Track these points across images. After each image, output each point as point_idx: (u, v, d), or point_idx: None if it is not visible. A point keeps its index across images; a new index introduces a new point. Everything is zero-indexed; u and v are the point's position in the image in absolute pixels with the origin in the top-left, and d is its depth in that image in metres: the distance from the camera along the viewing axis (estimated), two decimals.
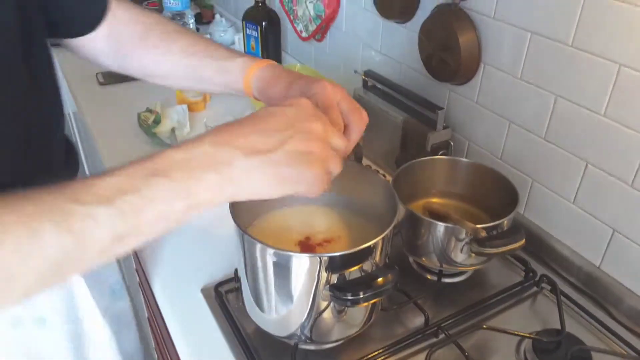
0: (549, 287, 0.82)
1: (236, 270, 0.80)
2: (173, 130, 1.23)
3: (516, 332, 0.72)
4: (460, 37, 0.91)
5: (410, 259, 0.87)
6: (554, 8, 0.77)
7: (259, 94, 0.65)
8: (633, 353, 0.70)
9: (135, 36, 0.70)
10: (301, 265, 0.59)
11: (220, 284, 0.80)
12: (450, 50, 0.94)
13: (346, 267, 0.60)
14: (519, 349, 0.72)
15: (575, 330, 0.73)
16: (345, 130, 0.56)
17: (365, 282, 0.59)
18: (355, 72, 1.18)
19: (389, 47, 1.17)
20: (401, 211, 0.74)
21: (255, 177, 0.44)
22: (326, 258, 0.58)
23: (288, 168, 0.45)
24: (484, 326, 0.72)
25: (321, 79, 0.58)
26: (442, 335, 0.73)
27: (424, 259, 0.81)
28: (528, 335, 0.72)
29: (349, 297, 0.58)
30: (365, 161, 1.11)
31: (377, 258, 0.63)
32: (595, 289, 0.81)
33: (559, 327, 0.73)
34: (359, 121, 0.57)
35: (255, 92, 0.65)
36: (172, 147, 0.43)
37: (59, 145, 0.68)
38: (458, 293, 0.82)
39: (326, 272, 0.59)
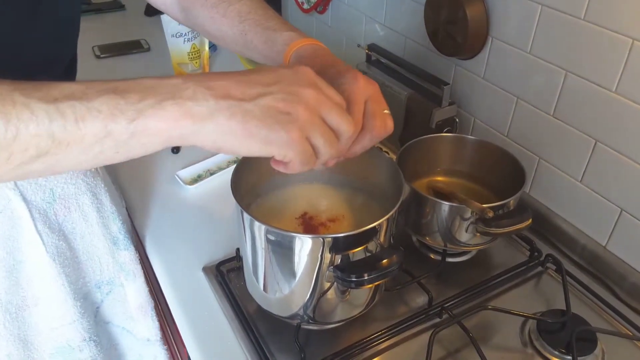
0: (554, 267, 0.81)
1: (237, 250, 0.79)
2: None
3: (520, 313, 0.71)
4: (468, 10, 0.88)
5: (414, 238, 0.86)
6: None
7: None
8: (638, 334, 0.70)
9: None
10: (304, 246, 0.58)
11: (222, 263, 0.79)
12: (458, 24, 0.91)
13: (350, 248, 0.59)
14: (523, 329, 0.72)
15: (580, 311, 0.72)
16: (360, 132, 0.52)
17: (370, 264, 0.57)
18: (359, 46, 1.15)
19: (393, 20, 1.13)
20: (406, 190, 0.72)
21: (219, 122, 0.40)
22: (330, 239, 0.57)
23: (257, 122, 0.41)
24: (489, 306, 0.71)
25: (357, 71, 0.54)
26: (445, 316, 0.72)
27: (427, 238, 0.80)
28: (532, 316, 0.71)
29: (353, 279, 0.57)
30: None
31: (382, 239, 0.61)
32: (600, 268, 0.81)
33: (563, 307, 0.72)
34: (379, 128, 0.52)
35: None
36: (151, 75, 0.41)
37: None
38: (462, 272, 0.81)
39: (330, 253, 0.58)
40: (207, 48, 1.33)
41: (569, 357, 0.66)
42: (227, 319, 0.72)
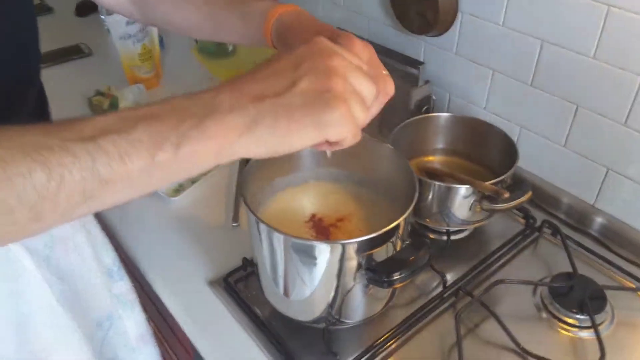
0: (549, 231, 0.84)
1: (244, 259, 0.76)
2: None
3: (534, 282, 0.74)
4: None
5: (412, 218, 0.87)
6: None
7: (279, 42, 0.58)
8: None
9: None
10: (326, 253, 0.57)
11: (229, 274, 0.76)
12: (427, 2, 0.90)
13: (373, 248, 0.58)
14: (535, 295, 0.74)
15: (583, 271, 0.76)
16: None
17: (400, 262, 0.57)
18: None
19: (352, 1, 1.11)
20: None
21: (266, 125, 0.38)
22: (353, 244, 0.56)
23: (304, 110, 0.38)
24: (506, 280, 0.73)
25: (349, 33, 0.51)
26: (462, 295, 0.74)
27: (428, 220, 0.81)
28: (544, 282, 0.74)
29: (385, 280, 0.57)
30: None
31: (402, 233, 0.61)
32: (593, 227, 0.85)
33: (568, 269, 0.75)
34: (382, 92, 0.49)
35: (275, 39, 0.58)
36: (178, 95, 0.38)
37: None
38: (464, 249, 0.83)
39: (353, 256, 0.58)
40: (157, 47, 1.26)
41: (584, 316, 0.69)
42: (245, 331, 0.70)
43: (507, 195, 0.68)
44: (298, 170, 0.75)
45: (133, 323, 0.79)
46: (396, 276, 0.57)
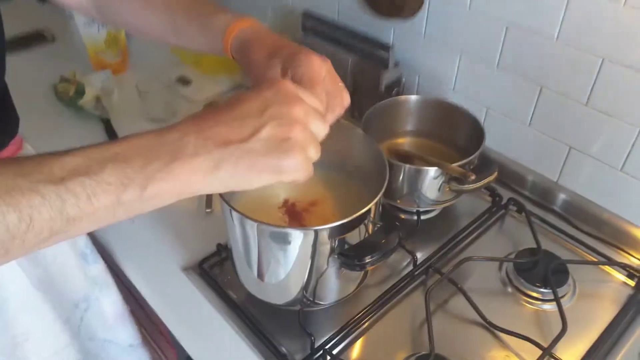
0: (515, 209, 0.87)
1: (218, 245, 0.77)
2: (98, 98, 1.11)
3: (499, 258, 0.77)
4: None
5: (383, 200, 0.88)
6: None
7: (238, 55, 0.60)
8: (603, 259, 0.78)
9: None
10: (300, 238, 0.58)
11: (204, 260, 0.77)
12: None
13: (345, 232, 0.60)
14: (500, 271, 0.77)
15: (547, 246, 0.79)
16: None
17: (371, 246, 0.59)
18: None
19: None
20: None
21: (227, 170, 0.40)
22: (326, 229, 0.58)
23: (264, 157, 0.41)
24: (473, 257, 0.75)
25: (307, 50, 0.54)
26: (432, 273, 0.76)
27: (399, 201, 0.83)
28: (509, 259, 0.76)
29: (357, 263, 0.58)
30: None
31: (373, 216, 0.62)
32: (556, 203, 0.88)
33: (532, 245, 0.78)
34: (339, 105, 0.53)
35: (235, 52, 0.60)
36: (141, 132, 0.40)
37: None
38: (434, 228, 0.85)
39: (326, 240, 0.59)
40: (123, 32, 1.23)
41: (546, 290, 0.73)
42: (222, 316, 0.71)
43: (473, 177, 0.70)
44: None
45: (110, 302, 0.80)
46: (368, 259, 0.58)
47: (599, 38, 0.73)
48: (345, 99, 0.54)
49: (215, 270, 0.77)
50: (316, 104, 0.46)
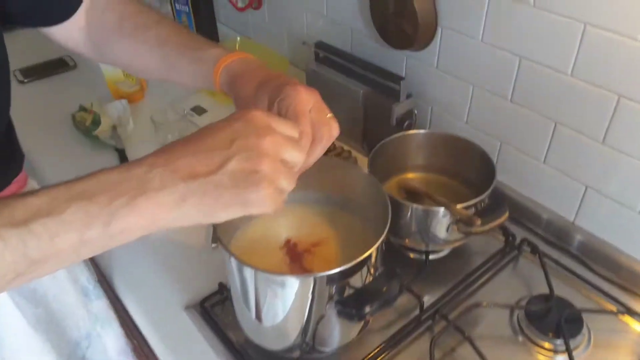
0: (529, 249, 0.83)
1: (220, 284, 0.76)
2: (114, 128, 1.13)
3: (509, 305, 0.73)
4: (415, 2, 0.87)
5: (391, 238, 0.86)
6: None
7: (227, 88, 0.60)
8: (621, 307, 0.74)
9: (110, 24, 0.66)
10: (297, 285, 0.57)
11: (205, 299, 0.76)
12: (406, 16, 0.89)
13: (344, 279, 0.58)
14: (512, 318, 0.74)
15: (561, 291, 0.75)
16: (311, 144, 0.51)
17: (371, 294, 0.57)
18: (304, 43, 1.12)
19: (336, 11, 1.10)
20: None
21: (194, 203, 0.40)
22: (324, 276, 0.56)
23: (230, 191, 0.40)
24: (483, 304, 0.72)
25: (295, 81, 0.53)
26: (439, 319, 0.73)
27: (407, 240, 0.80)
28: (520, 305, 0.73)
29: (355, 313, 0.56)
30: None
31: (374, 261, 0.61)
32: (573, 244, 0.84)
33: (546, 290, 0.75)
34: (327, 136, 0.52)
35: (224, 86, 0.60)
36: (108, 168, 0.40)
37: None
38: (443, 268, 0.82)
39: (325, 286, 0.57)
40: None
41: (560, 340, 0.69)
42: (219, 358, 0.70)
43: (479, 222, 0.67)
44: None
45: (112, 339, 0.80)
46: (367, 309, 0.56)
47: (614, 74, 0.70)
48: (334, 129, 0.52)
49: (216, 310, 0.76)
50: (290, 132, 0.45)
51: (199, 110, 1.20)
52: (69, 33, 0.68)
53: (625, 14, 0.66)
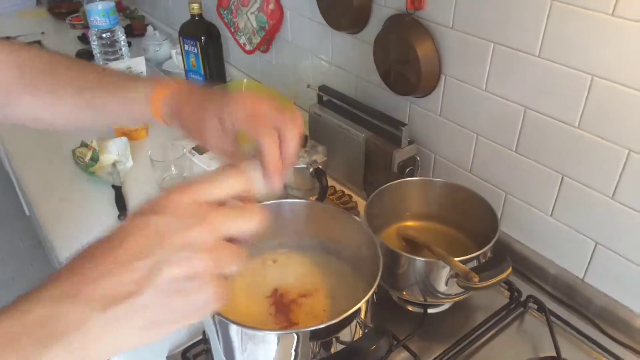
0: (535, 307, 0.79)
1: (205, 332, 0.72)
2: (114, 164, 1.12)
3: None
4: (418, 50, 0.86)
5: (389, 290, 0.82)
6: (515, 18, 0.73)
7: (171, 120, 0.57)
8: None
9: (12, 79, 0.60)
10: (279, 341, 0.53)
11: (188, 349, 0.72)
12: (409, 64, 0.88)
13: (330, 335, 0.54)
14: None
15: (568, 352, 0.70)
16: (281, 143, 0.48)
17: (356, 353, 0.52)
18: (309, 86, 1.11)
19: (341, 58, 1.10)
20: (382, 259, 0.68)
21: (120, 333, 0.32)
22: (307, 332, 0.52)
23: (163, 310, 0.33)
24: None
25: (238, 93, 0.51)
26: None
27: (405, 292, 0.76)
28: None
29: None
30: (329, 181, 1.04)
31: (364, 317, 0.57)
32: (580, 302, 0.79)
33: (552, 351, 0.70)
34: (292, 128, 0.48)
35: (167, 118, 0.57)
36: (5, 310, 0.31)
37: None
38: (443, 324, 0.77)
39: (309, 342, 0.53)
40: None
41: None
42: None
43: (476, 279, 0.63)
44: (265, 239, 0.71)
45: None
46: None
47: (623, 127, 0.67)
48: (298, 120, 0.49)
49: (199, 359, 0.72)
50: (222, 186, 0.37)
51: (199, 150, 1.18)
52: None
53: (632, 66, 0.64)
